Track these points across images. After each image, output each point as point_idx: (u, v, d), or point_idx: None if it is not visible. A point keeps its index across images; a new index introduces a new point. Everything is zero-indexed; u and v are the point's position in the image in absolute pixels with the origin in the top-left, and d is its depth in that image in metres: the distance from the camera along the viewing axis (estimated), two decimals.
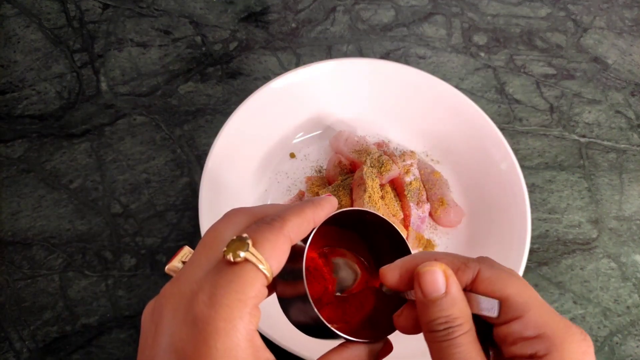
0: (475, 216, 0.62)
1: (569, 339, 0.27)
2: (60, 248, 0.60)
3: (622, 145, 0.72)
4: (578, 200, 0.68)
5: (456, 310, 0.28)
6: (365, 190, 0.56)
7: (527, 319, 0.28)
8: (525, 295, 0.28)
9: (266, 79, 0.70)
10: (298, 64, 0.73)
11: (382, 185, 0.60)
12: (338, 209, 0.32)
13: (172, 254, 0.60)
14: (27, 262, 0.59)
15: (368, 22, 0.77)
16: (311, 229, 0.32)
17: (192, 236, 0.61)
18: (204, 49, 0.72)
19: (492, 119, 0.62)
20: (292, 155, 0.65)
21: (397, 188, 0.62)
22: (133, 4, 0.75)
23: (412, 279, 0.30)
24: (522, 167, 0.63)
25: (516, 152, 0.69)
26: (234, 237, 0.28)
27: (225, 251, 0.28)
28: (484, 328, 0.30)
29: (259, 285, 0.27)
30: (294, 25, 0.76)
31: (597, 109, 0.74)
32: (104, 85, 0.69)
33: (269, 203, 0.63)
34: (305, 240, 0.32)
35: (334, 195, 0.58)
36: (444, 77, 0.72)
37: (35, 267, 0.58)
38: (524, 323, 0.28)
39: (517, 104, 0.73)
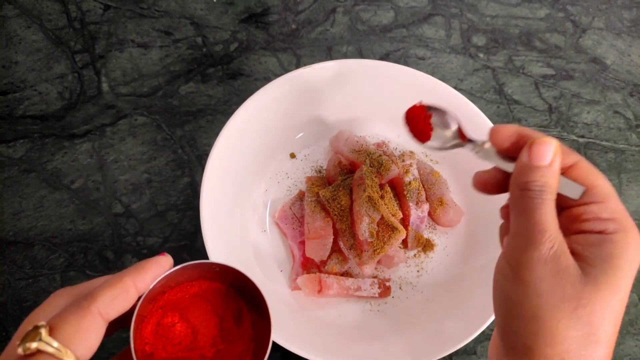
0: (474, 216, 0.62)
1: (635, 228, 0.32)
2: (62, 248, 0.60)
3: (621, 146, 0.73)
4: None
5: (553, 180, 0.33)
6: (365, 190, 0.56)
7: (607, 204, 0.33)
8: (609, 189, 0.34)
9: (266, 79, 0.71)
10: (298, 64, 0.73)
11: (381, 185, 0.60)
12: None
13: (173, 253, 0.60)
14: (28, 261, 0.59)
15: (368, 23, 0.77)
16: (134, 297, 0.32)
17: (192, 236, 0.61)
18: (204, 49, 0.73)
19: (491, 119, 0.62)
20: (292, 155, 0.65)
21: (397, 188, 0.62)
22: (134, 5, 0.75)
23: (519, 143, 0.35)
24: None
25: None
26: (30, 328, 0.27)
27: (18, 344, 0.27)
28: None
29: None
30: (294, 26, 0.76)
31: (596, 109, 0.75)
32: (105, 86, 0.69)
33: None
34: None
35: (334, 195, 0.58)
36: (443, 78, 0.72)
37: (36, 266, 0.59)
38: (603, 207, 0.33)
39: (516, 105, 0.74)
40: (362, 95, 0.65)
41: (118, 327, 0.34)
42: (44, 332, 0.27)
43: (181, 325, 0.36)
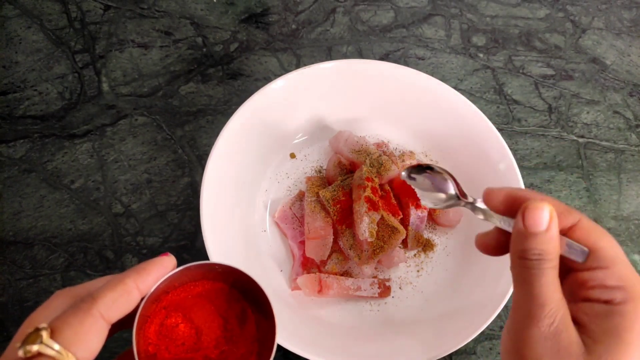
0: (474, 216, 0.62)
1: None
2: (62, 248, 0.60)
3: (621, 146, 0.73)
4: (576, 200, 0.68)
5: (551, 246, 0.31)
6: (365, 190, 0.56)
7: (613, 270, 0.30)
8: (615, 251, 0.31)
9: (267, 79, 0.71)
10: (298, 65, 0.73)
11: (381, 185, 0.60)
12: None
13: (173, 253, 0.60)
14: (28, 261, 0.59)
15: (368, 24, 0.77)
16: (137, 299, 0.32)
17: (193, 236, 0.61)
18: (204, 50, 0.73)
19: (491, 119, 0.63)
20: (292, 156, 0.65)
21: (397, 188, 0.62)
22: (134, 5, 0.75)
23: (513, 206, 0.33)
24: (521, 167, 0.63)
25: (515, 152, 0.69)
26: (31, 330, 0.27)
27: (19, 347, 0.26)
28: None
29: None
30: (294, 26, 0.76)
31: (596, 109, 0.75)
32: (105, 86, 0.69)
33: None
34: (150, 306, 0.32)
35: (334, 195, 0.58)
36: (443, 78, 0.72)
37: (37, 266, 0.59)
38: (609, 273, 0.30)
39: (515, 105, 0.74)
40: (362, 95, 0.65)
41: (120, 328, 0.34)
42: (45, 334, 0.27)
43: (185, 325, 0.36)
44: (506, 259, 0.57)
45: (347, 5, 0.78)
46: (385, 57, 0.75)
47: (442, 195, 0.41)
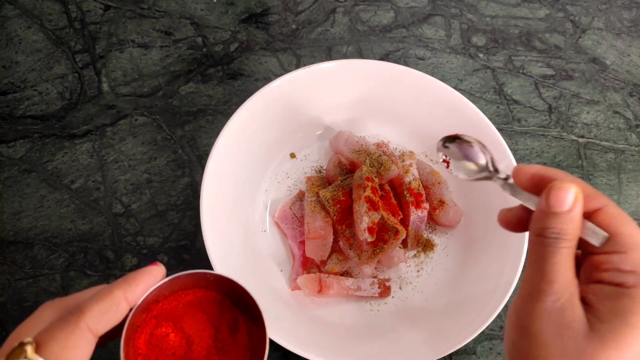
0: (474, 216, 0.63)
1: None
2: (62, 248, 0.60)
3: (621, 146, 0.73)
4: None
5: (571, 227, 0.31)
6: (365, 190, 0.56)
7: (629, 255, 0.31)
8: (636, 238, 0.31)
9: (267, 79, 0.71)
10: (298, 65, 0.73)
11: (381, 185, 0.60)
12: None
13: (173, 253, 0.60)
14: (28, 261, 0.59)
15: (368, 24, 0.77)
16: (125, 310, 0.31)
17: (193, 236, 0.61)
18: (204, 50, 0.73)
19: (491, 119, 0.63)
20: (292, 155, 0.65)
21: (397, 188, 0.62)
22: (134, 5, 0.75)
23: (540, 184, 0.33)
24: None
25: (515, 152, 0.69)
26: (16, 344, 0.27)
27: None
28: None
29: None
30: (294, 26, 0.76)
31: (596, 109, 0.75)
32: (105, 86, 0.69)
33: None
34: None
35: (334, 195, 0.59)
36: (443, 78, 0.72)
37: (36, 266, 0.59)
38: (625, 258, 0.31)
39: (515, 105, 0.74)
40: (362, 95, 0.65)
41: (110, 338, 0.33)
42: (29, 349, 0.26)
43: (175, 335, 0.35)
44: (507, 258, 0.57)
45: (347, 5, 0.78)
46: (385, 57, 0.75)
47: (474, 167, 0.41)
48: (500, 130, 0.63)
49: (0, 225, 0.60)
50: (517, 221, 0.36)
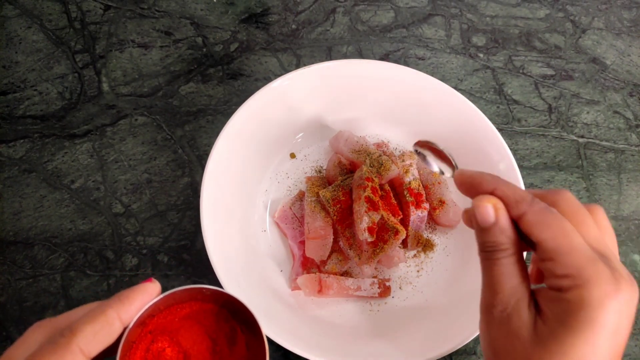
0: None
1: (594, 281, 0.30)
2: (62, 248, 0.60)
3: (621, 146, 0.73)
4: None
5: (503, 237, 0.33)
6: (365, 190, 0.56)
7: (557, 261, 0.31)
8: (557, 242, 0.31)
9: (267, 79, 0.71)
10: (298, 65, 0.73)
11: (381, 185, 0.60)
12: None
13: (173, 253, 0.60)
14: (28, 261, 0.59)
15: (368, 24, 0.77)
16: (119, 330, 0.30)
17: (193, 236, 0.61)
18: (204, 50, 0.73)
19: (491, 119, 0.63)
20: (292, 156, 0.65)
21: (397, 188, 0.62)
22: (134, 5, 0.75)
23: (474, 190, 0.35)
24: (521, 167, 0.63)
25: (515, 152, 0.69)
26: None
27: None
28: None
29: None
30: (294, 26, 0.76)
31: (596, 109, 0.75)
32: (105, 86, 0.69)
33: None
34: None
35: (334, 195, 0.58)
36: (443, 78, 0.73)
37: (36, 266, 0.59)
38: (554, 264, 0.31)
39: (515, 105, 0.74)
40: (362, 95, 0.65)
41: (105, 356, 0.32)
42: None
43: (172, 350, 0.35)
44: None
45: (347, 5, 0.78)
46: (385, 57, 0.75)
47: (445, 165, 0.43)
48: (500, 130, 0.63)
49: (0, 225, 0.60)
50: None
